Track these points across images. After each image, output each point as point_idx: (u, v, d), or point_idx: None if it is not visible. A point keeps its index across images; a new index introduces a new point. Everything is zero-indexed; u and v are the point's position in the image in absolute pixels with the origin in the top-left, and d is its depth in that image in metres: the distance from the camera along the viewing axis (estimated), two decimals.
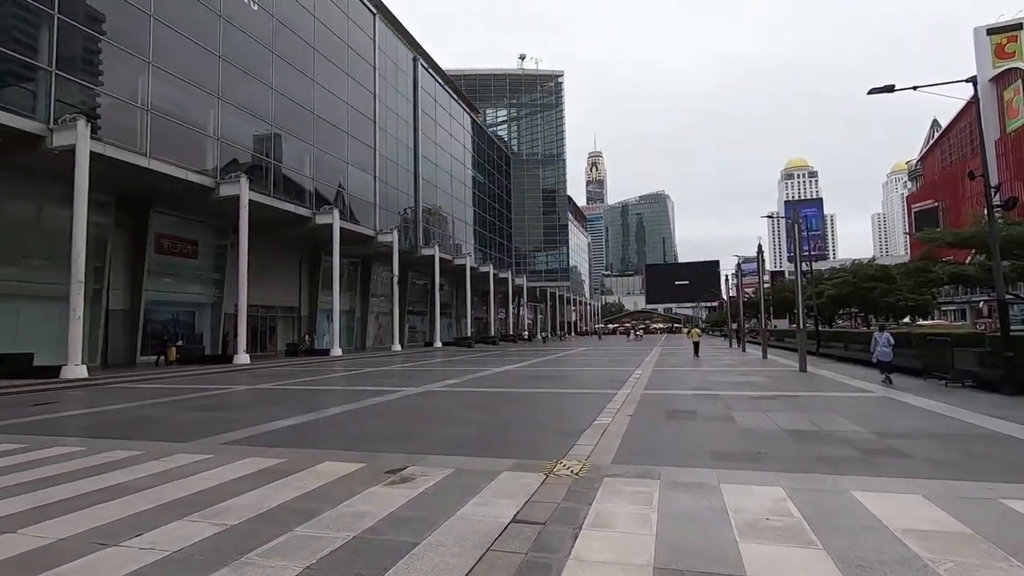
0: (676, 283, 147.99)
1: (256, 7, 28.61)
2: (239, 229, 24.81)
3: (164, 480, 5.50)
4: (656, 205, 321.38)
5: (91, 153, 18.33)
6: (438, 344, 45.75)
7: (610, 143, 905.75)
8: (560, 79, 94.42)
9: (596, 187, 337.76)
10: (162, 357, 23.91)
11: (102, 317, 23.10)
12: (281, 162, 29.96)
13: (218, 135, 25.57)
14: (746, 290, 54.25)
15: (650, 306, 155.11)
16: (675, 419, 9.01)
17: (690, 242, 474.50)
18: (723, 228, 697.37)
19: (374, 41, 40.83)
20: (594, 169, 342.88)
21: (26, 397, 13.77)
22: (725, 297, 64.24)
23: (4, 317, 20.15)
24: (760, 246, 35.62)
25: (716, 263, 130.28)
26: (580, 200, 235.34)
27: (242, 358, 24.27)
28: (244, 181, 24.70)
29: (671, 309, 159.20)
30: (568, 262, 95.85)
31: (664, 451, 6.71)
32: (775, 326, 54.59)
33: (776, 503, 4.48)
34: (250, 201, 24.96)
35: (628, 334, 71.08)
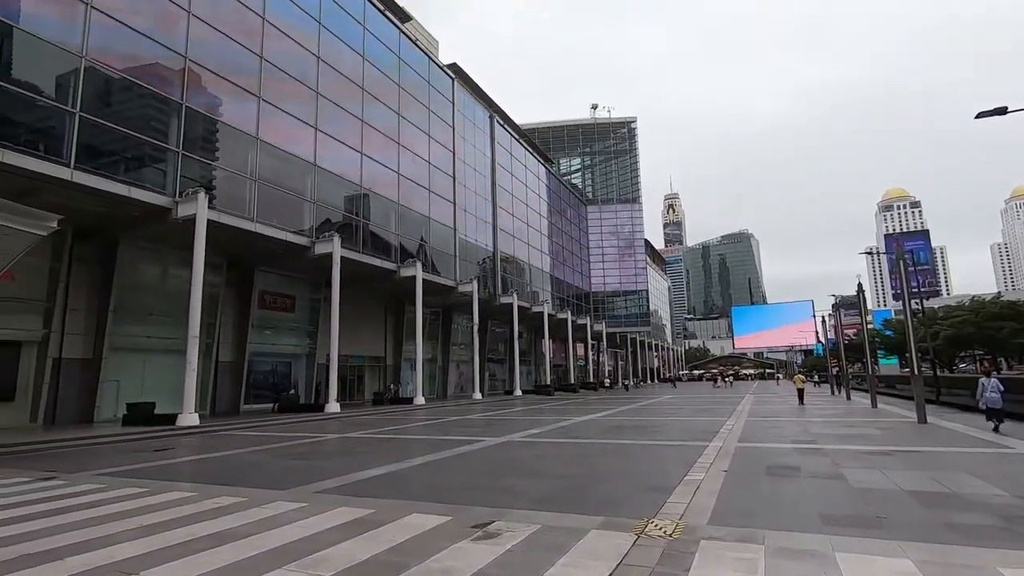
0: (766, 326, 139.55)
1: (349, 82, 31.45)
2: (331, 284, 26.50)
3: (266, 527, 5.77)
4: (739, 245, 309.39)
5: (208, 221, 20.54)
6: (518, 392, 45.59)
7: (687, 184, 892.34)
8: (633, 125, 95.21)
9: (674, 229, 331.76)
10: (275, 405, 26.70)
11: (212, 368, 25.16)
12: (369, 220, 31.99)
13: (314, 198, 27.84)
14: (846, 332, 50.15)
15: (738, 350, 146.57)
16: (776, 476, 8.33)
17: (780, 282, 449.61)
18: (815, 266, 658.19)
19: (453, 104, 43.39)
20: (671, 211, 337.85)
21: (148, 443, 15.11)
22: (823, 340, 59.65)
23: (133, 370, 22.52)
24: (860, 284, 33.03)
25: (810, 303, 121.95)
26: (658, 243, 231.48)
27: (333, 407, 25.40)
28: (336, 240, 26.54)
29: (762, 353, 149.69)
30: (648, 306, 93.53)
31: (766, 512, 6.18)
32: (879, 371, 49.77)
33: None
34: (341, 258, 26.71)
35: (715, 381, 67.01)
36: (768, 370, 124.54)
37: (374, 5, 34.91)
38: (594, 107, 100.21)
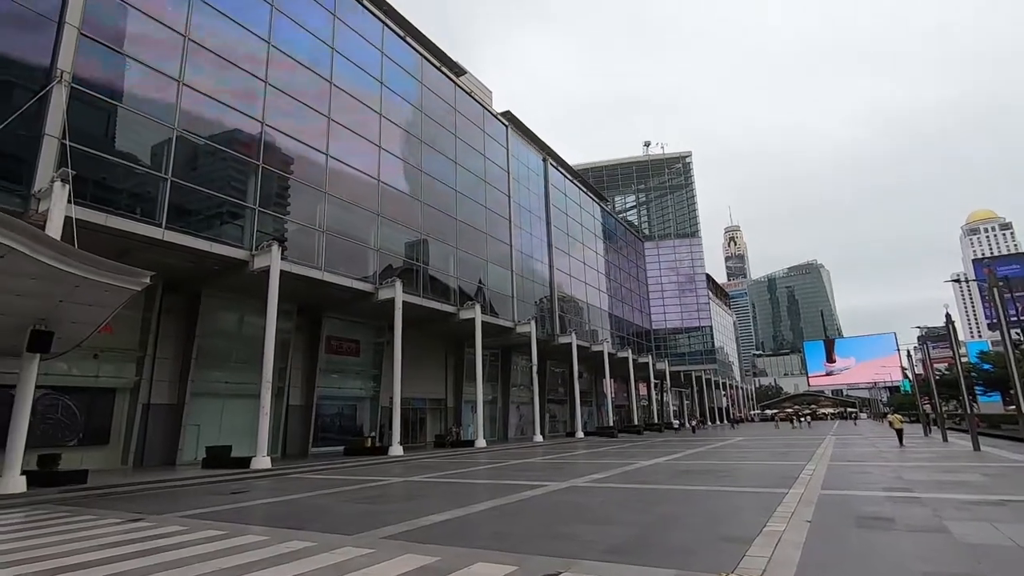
0: (844, 361, 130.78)
1: (409, 135, 33.14)
2: (394, 328, 27.25)
3: (336, 573, 5.84)
4: (808, 276, 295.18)
5: (280, 271, 21.80)
6: (580, 434, 44.54)
7: (748, 215, 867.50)
8: (688, 159, 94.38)
9: (736, 262, 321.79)
10: (344, 448, 27.53)
11: (283, 412, 26.18)
12: (428, 264, 32.95)
13: (377, 246, 29.05)
14: (936, 366, 46.21)
15: (814, 388, 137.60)
16: (867, 527, 7.64)
17: (856, 313, 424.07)
18: (895, 296, 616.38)
19: (507, 149, 44.69)
20: (732, 244, 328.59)
21: (225, 486, 15.75)
22: (910, 375, 55.11)
23: (212, 414, 23.79)
24: (948, 314, 30.54)
25: (892, 336, 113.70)
26: (720, 277, 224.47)
27: (396, 450, 25.68)
28: (398, 285, 27.43)
29: (841, 391, 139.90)
30: (712, 343, 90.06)
31: (859, 568, 5.66)
32: (978, 408, 45.24)
33: None
34: (403, 302, 27.51)
35: (791, 421, 62.59)
36: (849, 409, 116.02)
37: (431, 63, 36.96)
38: (647, 144, 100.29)
